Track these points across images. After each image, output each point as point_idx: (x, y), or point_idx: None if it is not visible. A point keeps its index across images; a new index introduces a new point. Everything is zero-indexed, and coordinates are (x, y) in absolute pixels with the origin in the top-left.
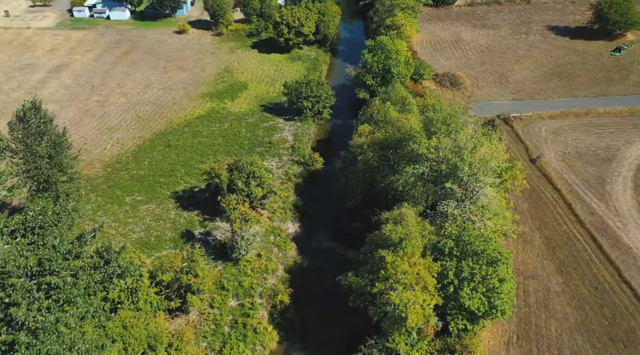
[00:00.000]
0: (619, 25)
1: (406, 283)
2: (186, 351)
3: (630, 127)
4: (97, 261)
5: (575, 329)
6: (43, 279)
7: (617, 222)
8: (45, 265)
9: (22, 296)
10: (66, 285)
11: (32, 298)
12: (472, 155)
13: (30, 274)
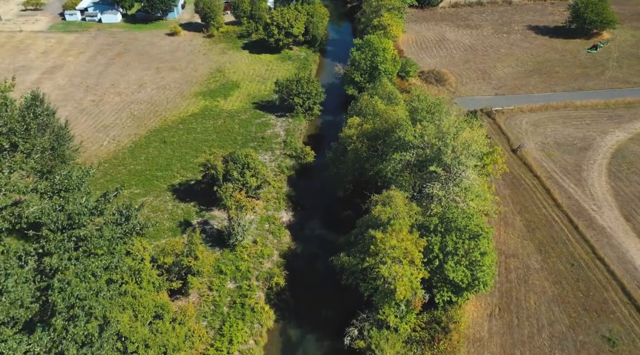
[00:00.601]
0: (595, 24)
1: (395, 257)
2: (189, 325)
3: (606, 119)
4: (118, 217)
5: (552, 301)
6: (73, 232)
7: (592, 205)
8: (74, 218)
9: (55, 246)
10: (93, 237)
11: (63, 249)
12: (454, 140)
13: (61, 227)
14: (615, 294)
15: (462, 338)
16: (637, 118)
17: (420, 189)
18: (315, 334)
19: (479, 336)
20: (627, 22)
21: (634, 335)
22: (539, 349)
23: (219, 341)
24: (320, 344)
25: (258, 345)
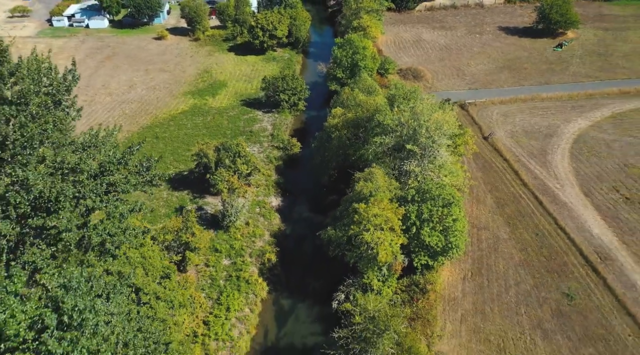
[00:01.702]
0: (560, 25)
1: (377, 224)
2: (190, 292)
3: (569, 109)
4: (140, 168)
5: (519, 265)
6: (104, 178)
7: (556, 184)
8: (105, 166)
9: (90, 190)
10: (120, 183)
11: (96, 192)
12: (428, 120)
13: (94, 174)
14: (574, 257)
15: (438, 297)
16: (597, 108)
17: (399, 167)
18: (306, 302)
19: (453, 296)
20: (589, 22)
21: (589, 291)
22: (506, 305)
23: (217, 309)
24: (310, 311)
25: (253, 313)
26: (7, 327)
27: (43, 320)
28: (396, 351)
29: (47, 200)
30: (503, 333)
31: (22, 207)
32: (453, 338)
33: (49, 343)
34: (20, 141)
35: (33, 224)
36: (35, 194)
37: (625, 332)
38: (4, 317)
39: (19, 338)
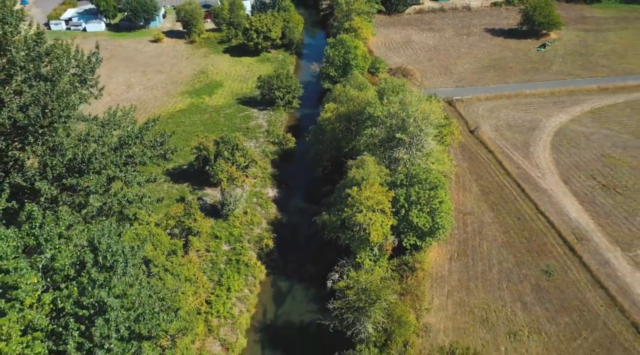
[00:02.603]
0: (543, 26)
1: (368, 206)
2: (194, 271)
3: (551, 104)
4: (155, 142)
5: (501, 246)
6: (123, 151)
7: (537, 173)
8: (124, 140)
9: (111, 161)
10: (138, 155)
11: (116, 163)
12: (416, 111)
13: (114, 147)
14: (553, 238)
15: (426, 276)
16: (577, 103)
17: (389, 156)
18: (302, 284)
19: (440, 274)
20: (572, 24)
21: (566, 268)
22: (490, 281)
23: (218, 290)
24: (306, 292)
25: (252, 293)
26: (56, 262)
27: (83, 258)
28: (387, 320)
29: (80, 161)
30: (486, 306)
31: (58, 169)
32: (440, 311)
33: (92, 272)
34: (57, 110)
35: (68, 183)
36: (70, 157)
37: (598, 303)
38: (53, 252)
39: (63, 272)
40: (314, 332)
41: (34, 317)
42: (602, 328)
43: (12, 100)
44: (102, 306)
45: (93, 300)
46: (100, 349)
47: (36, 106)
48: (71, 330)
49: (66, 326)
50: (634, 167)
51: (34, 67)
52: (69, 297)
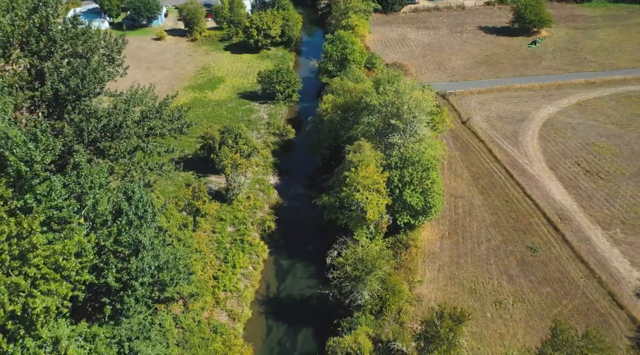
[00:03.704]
0: (534, 24)
1: (365, 185)
2: (203, 246)
3: (540, 97)
4: (173, 116)
5: (490, 226)
6: (145, 123)
7: (525, 160)
8: (145, 113)
9: (134, 132)
10: (158, 127)
11: (139, 134)
12: (410, 98)
13: (137, 120)
14: (538, 219)
15: (419, 252)
16: (565, 96)
17: (385, 142)
18: (303, 262)
19: (433, 251)
20: (562, 22)
21: (550, 244)
22: (478, 257)
23: (224, 266)
24: (306, 269)
25: (256, 270)
26: (99, 206)
27: (119, 206)
28: (382, 289)
29: (112, 127)
30: (474, 278)
31: (93, 133)
32: (431, 283)
33: (129, 214)
34: (93, 82)
35: (101, 145)
36: (104, 122)
37: (578, 275)
38: (96, 198)
39: (103, 217)
40: (314, 304)
41: (85, 244)
42: (581, 297)
43: (53, 74)
44: (137, 245)
45: (130, 239)
46: (135, 281)
47: (76, 78)
48: (111, 264)
49: (107, 262)
50: (616, 155)
51: (72, 45)
52: (109, 236)
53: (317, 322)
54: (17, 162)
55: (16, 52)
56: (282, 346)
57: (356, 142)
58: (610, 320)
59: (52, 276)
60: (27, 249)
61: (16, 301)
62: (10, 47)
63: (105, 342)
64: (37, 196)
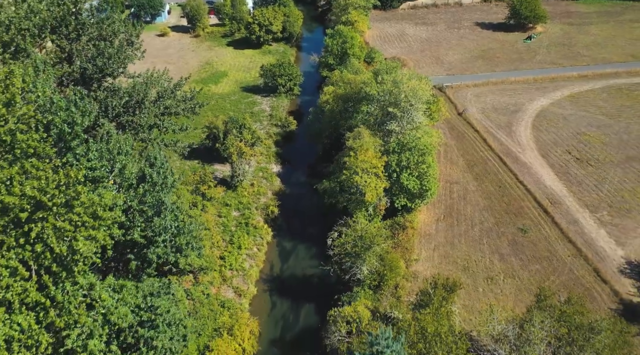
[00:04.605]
0: (530, 20)
1: (364, 168)
2: (211, 226)
3: (534, 90)
4: (187, 97)
5: (483, 209)
6: (161, 103)
7: (518, 148)
8: (161, 93)
9: (151, 111)
10: (172, 106)
11: (156, 113)
12: (406, 86)
13: (154, 99)
14: (529, 203)
15: (416, 233)
16: (558, 89)
17: (383, 129)
18: (305, 244)
19: (428, 232)
20: (557, 18)
21: (540, 226)
22: (472, 238)
23: (230, 247)
24: (308, 251)
25: (260, 252)
26: (126, 170)
27: (143, 171)
28: (380, 265)
29: (134, 103)
30: (468, 257)
31: (117, 109)
32: (427, 262)
33: (153, 176)
34: (117, 62)
35: (124, 120)
36: (126, 99)
37: (566, 254)
38: (123, 164)
39: (130, 180)
40: (316, 282)
41: (118, 200)
42: (568, 273)
43: (81, 55)
44: (159, 206)
45: (153, 200)
46: (159, 237)
47: (102, 57)
48: (137, 222)
49: (133, 220)
50: (606, 143)
51: (97, 29)
52: (135, 197)
53: (319, 298)
54: (62, 123)
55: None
56: (285, 320)
57: (356, 129)
58: (595, 294)
59: (91, 224)
60: (72, 197)
61: (62, 244)
62: (45, 31)
63: (131, 293)
64: (76, 156)
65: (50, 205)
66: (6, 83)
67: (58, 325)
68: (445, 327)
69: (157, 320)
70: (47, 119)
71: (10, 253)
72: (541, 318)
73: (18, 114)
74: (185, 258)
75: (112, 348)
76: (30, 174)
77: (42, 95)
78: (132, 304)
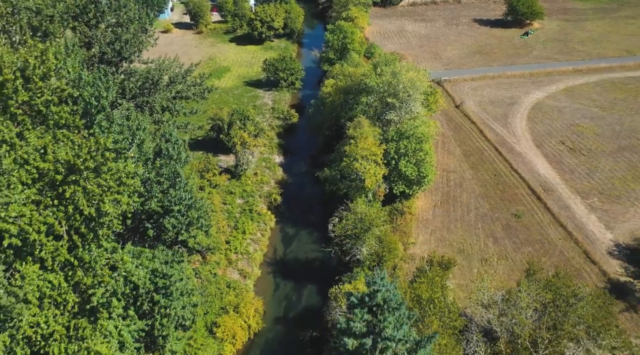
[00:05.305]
0: (527, 16)
1: (364, 155)
2: (216, 209)
3: (529, 84)
4: (198, 81)
5: (479, 196)
6: (172, 87)
7: (513, 139)
8: (173, 78)
9: (164, 95)
10: (184, 90)
11: (168, 97)
12: (405, 78)
13: (166, 84)
14: (523, 190)
15: (414, 219)
16: (553, 82)
17: (382, 119)
18: (307, 229)
19: (426, 218)
20: (554, 15)
21: (533, 212)
22: (467, 223)
23: (235, 232)
24: (310, 235)
25: (264, 237)
26: (144, 145)
27: (160, 147)
28: (379, 246)
29: (149, 84)
30: (463, 240)
31: (133, 90)
32: (424, 244)
33: (169, 149)
34: (133, 46)
35: (140, 100)
36: (142, 81)
37: (557, 237)
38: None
39: (148, 154)
40: (317, 265)
41: (140, 169)
42: (559, 255)
43: (99, 40)
44: (175, 178)
45: (169, 171)
46: (174, 206)
47: (120, 42)
48: (154, 192)
49: (150, 190)
50: (598, 134)
51: (115, 16)
52: (152, 170)
53: (321, 279)
54: (90, 96)
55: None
56: (289, 300)
57: (356, 118)
58: (584, 274)
59: (116, 189)
60: (101, 163)
61: (91, 206)
62: (68, 18)
63: (149, 258)
64: (101, 128)
65: (82, 169)
66: (42, 58)
67: (85, 283)
68: (438, 294)
69: (171, 287)
70: (77, 93)
71: (47, 211)
72: (528, 286)
73: (52, 87)
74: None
75: (129, 313)
76: (62, 142)
77: (72, 71)
78: (148, 271)
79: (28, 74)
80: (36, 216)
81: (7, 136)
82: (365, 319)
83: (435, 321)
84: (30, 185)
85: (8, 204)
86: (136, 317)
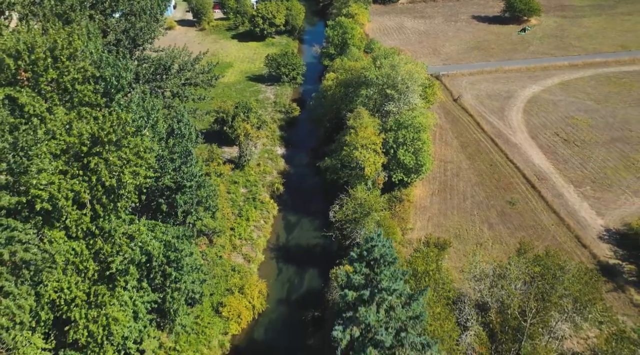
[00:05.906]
0: (524, 13)
1: (364, 144)
2: (222, 194)
3: (526, 78)
4: (206, 69)
5: (475, 185)
6: (182, 74)
7: (509, 131)
8: (182, 66)
9: (174, 83)
10: (193, 77)
11: (177, 84)
12: (403, 70)
13: (176, 71)
14: (518, 179)
15: (412, 206)
16: (549, 77)
17: (381, 110)
18: (308, 217)
19: (423, 205)
20: (551, 11)
21: (527, 199)
22: (463, 210)
23: (239, 219)
24: (312, 223)
25: (267, 224)
26: (158, 125)
27: (172, 127)
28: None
29: (161, 70)
30: (459, 226)
31: (147, 76)
32: (421, 230)
33: (182, 127)
34: (147, 33)
35: (152, 85)
36: (155, 66)
37: (550, 223)
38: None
39: (161, 134)
40: (318, 251)
41: (155, 146)
42: (551, 239)
43: (114, 28)
44: (187, 156)
45: (181, 149)
46: (187, 182)
47: (134, 29)
48: (167, 168)
49: (164, 167)
50: (592, 126)
51: (129, 5)
52: (166, 148)
53: (322, 264)
54: (110, 76)
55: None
56: (291, 283)
57: (356, 109)
58: (575, 257)
59: (135, 162)
60: (122, 136)
61: (112, 177)
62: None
63: (163, 231)
64: (120, 106)
65: (105, 142)
66: (69, 39)
67: (105, 251)
68: (432, 267)
69: (182, 261)
70: (99, 73)
71: (74, 180)
72: (519, 261)
73: (78, 66)
74: (201, 221)
75: (143, 285)
76: (86, 118)
77: (95, 52)
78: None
79: (56, 54)
80: (64, 184)
81: (38, 110)
82: (363, 273)
83: (430, 291)
84: (58, 156)
85: (40, 172)
86: (149, 289)
